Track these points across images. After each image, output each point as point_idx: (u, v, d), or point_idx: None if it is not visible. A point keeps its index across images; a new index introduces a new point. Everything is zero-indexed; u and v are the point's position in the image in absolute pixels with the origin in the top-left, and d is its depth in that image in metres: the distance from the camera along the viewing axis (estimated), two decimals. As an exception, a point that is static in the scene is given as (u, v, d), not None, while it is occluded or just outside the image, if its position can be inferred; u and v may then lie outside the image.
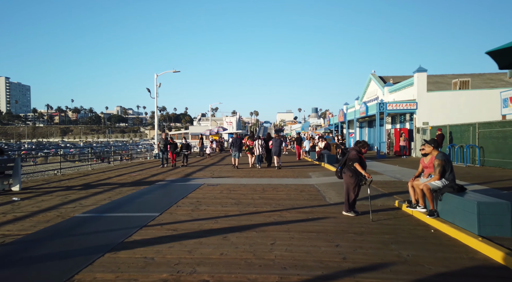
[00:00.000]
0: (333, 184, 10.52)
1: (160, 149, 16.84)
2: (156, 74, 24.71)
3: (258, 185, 10.76)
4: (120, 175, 13.63)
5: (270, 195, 8.95)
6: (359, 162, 6.50)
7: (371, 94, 32.52)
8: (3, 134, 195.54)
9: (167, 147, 16.82)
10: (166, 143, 16.72)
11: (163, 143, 16.71)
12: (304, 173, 14.18)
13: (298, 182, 11.47)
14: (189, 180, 11.93)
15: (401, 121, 26.00)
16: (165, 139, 16.80)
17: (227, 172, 14.78)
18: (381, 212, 6.84)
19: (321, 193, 9.14)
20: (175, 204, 7.69)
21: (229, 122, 78.79)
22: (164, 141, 16.70)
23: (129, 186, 10.60)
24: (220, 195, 8.96)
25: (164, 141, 16.70)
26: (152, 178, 12.54)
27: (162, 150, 16.74)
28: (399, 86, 25.37)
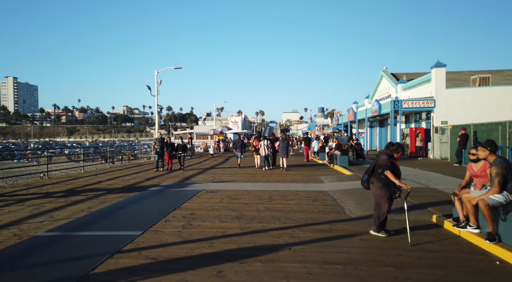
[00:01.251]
0: (351, 192, 9.14)
1: (156, 150, 15.12)
2: (156, 70, 23.52)
3: (264, 191, 9.43)
4: (112, 179, 12.41)
5: (278, 205, 7.61)
6: (391, 169, 5.14)
7: (383, 92, 30.96)
8: (11, 134, 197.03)
9: (164, 149, 15.17)
10: (162, 144, 15.07)
11: (159, 144, 15.03)
12: (314, 176, 12.82)
13: (309, 188, 10.12)
14: (186, 185, 10.64)
15: (416, 120, 24.45)
16: (161, 140, 15.19)
17: (230, 175, 13.48)
18: (418, 231, 5.46)
19: (338, 203, 7.78)
20: (164, 217, 6.39)
21: (235, 122, 77.57)
22: (160, 142, 15.07)
23: (117, 192, 9.35)
24: (219, 204, 7.65)
25: (160, 142, 15.07)
26: (146, 183, 11.28)
27: (159, 152, 15.02)
28: (414, 83, 23.83)
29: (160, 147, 15.03)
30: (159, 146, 15.06)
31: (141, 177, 12.89)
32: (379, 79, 32.37)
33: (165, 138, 15.66)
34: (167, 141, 15.44)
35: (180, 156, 15.36)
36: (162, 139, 15.28)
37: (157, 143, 15.16)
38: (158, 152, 15.05)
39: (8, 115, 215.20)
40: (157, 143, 15.16)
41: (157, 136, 15.40)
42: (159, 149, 15.02)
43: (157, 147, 15.09)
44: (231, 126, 62.81)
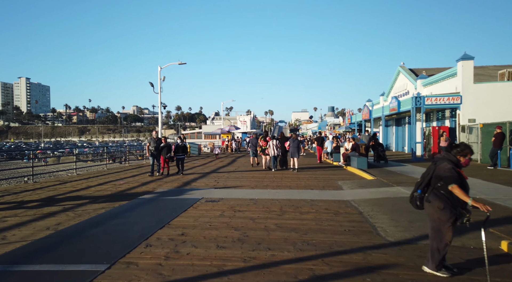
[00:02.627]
0: (379, 202, 7.59)
1: (150, 152, 12.90)
2: (159, 66, 22.24)
3: (273, 201, 7.96)
4: (104, 183, 11.09)
5: (292, 220, 6.13)
6: (458, 182, 3.60)
7: (400, 88, 29.10)
8: (24, 133, 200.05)
9: (160, 150, 13.02)
10: (158, 144, 12.92)
11: (154, 144, 12.82)
12: (331, 181, 11.28)
13: (327, 196, 8.59)
14: (184, 192, 9.23)
15: (438, 118, 22.60)
16: (157, 139, 13.01)
17: (236, 179, 12.04)
18: (490, 267, 3.89)
19: (367, 218, 6.25)
20: (145, 240, 4.97)
21: (243, 121, 76.28)
22: (156, 142, 12.89)
23: (102, 201, 7.99)
24: (219, 219, 6.21)
25: (156, 142, 12.89)
26: (139, 189, 9.92)
27: (154, 153, 12.87)
28: (437, 78, 21.99)
29: (155, 148, 12.95)
30: (154, 146, 12.97)
31: (136, 181, 11.55)
32: (395, 75, 30.50)
33: (161, 138, 13.44)
34: (163, 140, 13.22)
35: (179, 159, 13.18)
36: (158, 139, 13.18)
37: (152, 143, 12.99)
38: (154, 153, 12.94)
39: (21, 115, 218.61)
40: (152, 143, 12.99)
41: (153, 135, 13.19)
42: (155, 150, 12.94)
43: (152, 148, 12.97)
44: (239, 126, 61.50)
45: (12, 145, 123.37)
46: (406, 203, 7.62)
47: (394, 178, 11.28)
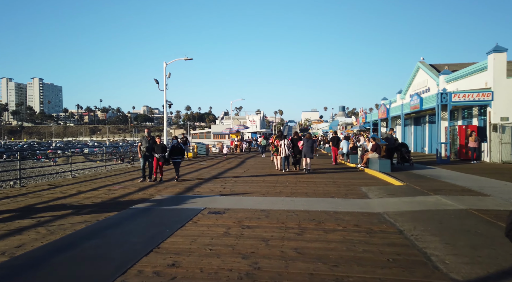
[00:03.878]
0: (419, 216, 6.18)
1: (142, 153, 11.17)
2: (165, 62, 21.12)
3: (289, 213, 6.64)
4: (97, 188, 9.93)
5: (315, 244, 4.79)
6: None
7: (420, 85, 27.38)
8: (37, 133, 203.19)
9: (153, 151, 11.15)
10: (151, 144, 11.14)
11: (146, 144, 11.09)
12: (352, 187, 9.89)
13: (353, 206, 7.22)
14: (185, 201, 7.98)
15: (464, 116, 20.89)
16: (150, 139, 11.26)
17: (245, 183, 10.75)
18: None
19: (411, 240, 4.87)
20: (122, 274, 3.70)
21: (253, 121, 75.11)
22: (148, 142, 11.15)
23: (87, 212, 6.79)
24: (223, 241, 4.92)
25: (148, 142, 11.15)
26: (135, 196, 8.71)
27: (147, 155, 11.16)
28: (463, 73, 20.29)
29: (147, 148, 11.11)
30: (146, 147, 11.14)
31: (134, 186, 10.36)
32: (414, 72, 28.78)
33: (154, 137, 11.48)
34: (157, 140, 11.28)
35: (175, 162, 11.34)
36: (152, 138, 11.32)
37: (144, 142, 11.16)
38: (146, 155, 11.20)
39: (34, 115, 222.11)
40: (144, 142, 11.16)
41: (145, 134, 11.50)
42: (147, 151, 11.17)
43: (144, 148, 11.14)
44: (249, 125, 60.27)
45: (25, 144, 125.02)
46: (456, 218, 6.02)
47: (427, 184, 9.81)
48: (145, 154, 11.22)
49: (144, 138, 11.35)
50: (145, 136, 11.38)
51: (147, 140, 11.27)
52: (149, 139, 11.29)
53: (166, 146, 11.51)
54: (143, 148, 11.24)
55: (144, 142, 11.25)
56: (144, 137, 11.39)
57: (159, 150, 11.05)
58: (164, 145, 11.47)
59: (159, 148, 11.10)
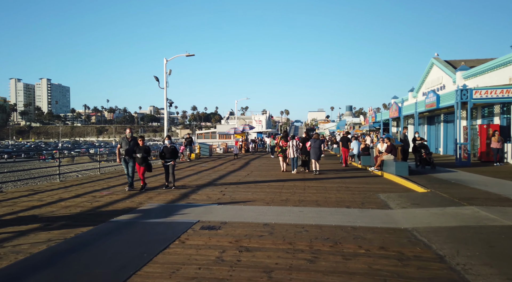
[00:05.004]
0: (458, 235, 5.00)
1: (121, 157, 9.51)
2: (165, 59, 20.13)
3: (297, 228, 5.53)
4: (83, 194, 8.91)
5: (332, 276, 3.67)
6: None
7: (434, 83, 25.99)
8: (44, 133, 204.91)
9: (134, 154, 9.38)
10: (132, 146, 9.41)
11: (126, 145, 9.43)
12: (368, 193, 8.73)
13: (373, 220, 6.07)
14: (176, 211, 6.90)
15: (484, 115, 19.50)
16: (131, 140, 9.49)
17: (247, 189, 9.65)
18: None
19: (457, 271, 3.71)
20: None
21: (259, 121, 74.00)
22: (129, 143, 9.42)
23: (58, 226, 5.75)
24: (213, 272, 3.82)
25: (129, 143, 9.42)
26: (121, 204, 7.67)
27: (126, 159, 9.50)
28: (483, 69, 18.92)
29: (127, 151, 9.35)
30: (125, 149, 9.38)
31: (124, 191, 9.31)
32: (427, 69, 27.39)
33: (137, 137, 9.66)
34: (139, 141, 9.48)
35: (168, 166, 9.72)
36: (133, 139, 9.53)
37: (124, 144, 9.42)
38: (126, 159, 9.48)
39: (42, 116, 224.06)
40: (124, 144, 9.42)
41: (126, 134, 9.65)
42: (127, 154, 9.38)
43: (123, 150, 9.40)
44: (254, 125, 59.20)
45: (32, 144, 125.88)
46: (508, 239, 4.75)
47: (455, 191, 8.60)
48: (124, 157, 9.50)
49: (124, 140, 9.57)
50: (125, 137, 9.63)
51: (128, 141, 9.51)
52: (130, 141, 9.51)
53: (149, 149, 9.77)
54: (123, 151, 9.45)
55: (124, 144, 9.49)
56: (124, 138, 9.60)
57: (141, 152, 9.37)
58: (148, 147, 9.72)
59: (141, 151, 9.36)
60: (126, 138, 9.59)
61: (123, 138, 9.62)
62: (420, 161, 14.15)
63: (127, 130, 9.86)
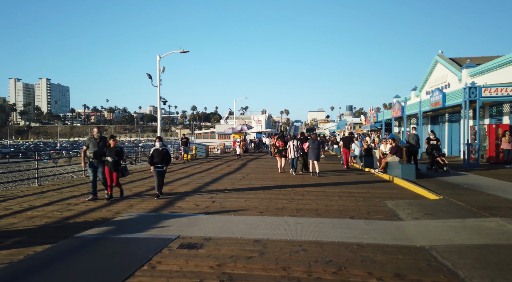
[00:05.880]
0: (488, 257, 4.12)
1: (88, 160, 8.09)
2: (158, 55, 19.23)
3: (294, 245, 4.67)
4: (57, 202, 8.03)
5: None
6: None
7: (438, 81, 25.11)
8: (44, 133, 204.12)
9: (104, 157, 8.01)
10: (102, 148, 8.03)
11: (94, 147, 8.00)
12: (374, 200, 7.86)
13: (382, 234, 5.19)
14: (156, 222, 6.03)
15: (492, 114, 18.63)
16: (99, 140, 8.14)
17: (240, 194, 8.78)
18: None
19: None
20: None
21: (258, 120, 73.22)
22: (97, 145, 8.02)
23: (9, 244, 4.87)
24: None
25: (97, 145, 8.02)
26: (96, 214, 6.79)
27: (94, 163, 8.05)
28: (491, 66, 18.03)
29: (96, 153, 7.95)
30: (93, 151, 7.95)
31: (104, 198, 8.43)
32: (431, 67, 26.51)
33: (106, 137, 8.34)
34: (111, 142, 8.14)
35: (159, 172, 8.32)
36: (102, 139, 8.20)
37: (92, 146, 8.02)
38: (93, 163, 8.02)
39: (41, 116, 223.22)
40: (92, 146, 8.02)
41: (94, 134, 8.24)
42: (95, 157, 7.96)
43: (91, 153, 7.97)
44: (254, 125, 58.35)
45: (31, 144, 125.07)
46: None
47: (471, 198, 7.72)
48: (91, 161, 8.01)
49: (91, 140, 8.09)
50: (92, 138, 8.17)
51: (96, 142, 8.06)
52: (99, 142, 8.08)
53: (122, 151, 8.27)
54: (90, 153, 7.98)
55: (91, 145, 8.03)
56: (91, 139, 8.13)
57: (113, 154, 8.01)
58: (120, 149, 8.22)
59: (112, 152, 7.99)
60: (93, 139, 8.15)
61: (90, 139, 8.18)
62: (431, 164, 13.01)
63: (94, 129, 8.36)
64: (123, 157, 8.34)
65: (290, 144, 13.48)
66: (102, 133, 8.43)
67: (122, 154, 8.24)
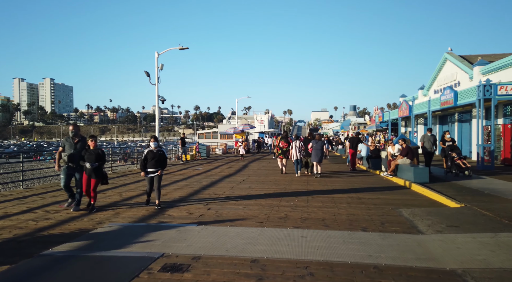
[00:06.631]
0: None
1: (64, 164, 7.01)
2: (157, 52, 18.52)
3: (298, 267, 3.88)
4: (34, 209, 7.29)
5: None
6: None
7: (447, 79, 24.19)
8: (47, 133, 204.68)
9: (82, 160, 6.82)
10: (80, 150, 6.93)
11: (70, 149, 6.94)
12: (386, 208, 7.07)
13: (402, 252, 4.40)
14: (139, 235, 5.27)
15: (507, 114, 17.71)
16: (77, 141, 7.07)
17: (238, 200, 8.00)
18: None
19: None
20: None
21: (261, 120, 72.54)
22: (75, 145, 6.98)
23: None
24: None
25: (75, 145, 6.98)
26: (75, 224, 6.05)
27: (70, 167, 6.97)
28: (505, 63, 17.13)
29: (71, 156, 6.87)
30: (69, 154, 6.88)
31: (85, 204, 7.69)
32: (440, 65, 25.59)
33: (85, 137, 7.13)
34: (90, 143, 6.85)
35: (152, 178, 7.22)
36: (80, 140, 7.08)
37: (68, 147, 6.97)
38: (70, 167, 6.95)
39: (45, 115, 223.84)
40: (68, 147, 6.97)
41: (69, 132, 7.12)
42: (70, 161, 6.88)
43: (66, 156, 6.92)
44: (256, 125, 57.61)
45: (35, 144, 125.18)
46: None
47: (497, 206, 6.90)
48: (68, 165, 6.90)
49: (68, 141, 7.00)
50: (69, 138, 7.04)
51: (72, 143, 6.98)
52: (76, 142, 7.00)
53: (103, 154, 7.01)
54: (65, 156, 6.91)
55: (67, 146, 6.95)
56: (67, 139, 7.03)
57: (92, 159, 6.76)
58: (101, 151, 6.98)
59: (92, 156, 6.76)
60: (70, 139, 7.02)
61: (67, 139, 7.04)
62: (451, 167, 11.77)
63: (70, 128, 7.03)
64: (105, 162, 7.12)
65: (293, 144, 12.98)
66: (77, 132, 7.21)
67: (104, 158, 6.99)
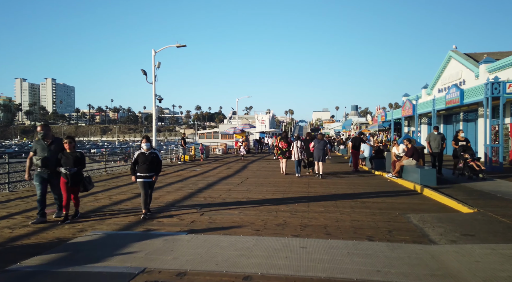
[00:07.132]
0: None
1: (36, 171, 6.09)
2: (154, 50, 18.04)
3: (298, 291, 3.37)
4: (15, 214, 6.81)
5: None
6: None
7: (452, 78, 23.62)
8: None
9: (59, 165, 5.96)
10: (55, 152, 6.04)
11: (43, 152, 6.00)
12: (393, 213, 6.56)
13: (413, 267, 3.89)
14: (121, 247, 4.77)
15: (515, 113, 17.12)
16: (50, 143, 6.14)
17: (235, 204, 7.50)
18: None
19: None
20: None
21: (262, 120, 72.09)
22: (48, 148, 6.05)
23: None
24: None
25: (48, 148, 6.05)
26: (55, 232, 5.57)
27: (44, 173, 6.03)
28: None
29: (45, 160, 5.98)
30: (43, 157, 5.97)
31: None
32: (444, 63, 25.03)
33: (61, 138, 6.29)
34: (66, 145, 6.05)
35: (146, 183, 6.36)
36: (55, 142, 6.18)
37: (40, 150, 6.03)
38: (43, 174, 6.01)
39: (46, 115, 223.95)
40: (40, 150, 6.03)
41: (38, 131, 6.20)
42: (43, 167, 5.99)
43: (39, 160, 5.99)
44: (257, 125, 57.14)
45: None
46: None
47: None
48: (40, 172, 6.02)
49: (39, 143, 6.08)
50: (40, 140, 6.10)
51: (45, 145, 6.05)
52: (50, 145, 6.09)
53: (83, 157, 6.16)
54: (37, 160, 5.99)
55: (39, 149, 6.03)
56: (39, 142, 6.10)
57: (70, 163, 5.94)
58: (80, 154, 6.13)
59: (69, 160, 5.94)
60: (42, 142, 6.06)
61: (38, 142, 6.09)
62: (464, 169, 11.08)
63: (38, 127, 6.15)
64: (85, 166, 6.26)
65: (294, 145, 12.53)
66: (48, 132, 6.20)
67: (84, 161, 6.17)
